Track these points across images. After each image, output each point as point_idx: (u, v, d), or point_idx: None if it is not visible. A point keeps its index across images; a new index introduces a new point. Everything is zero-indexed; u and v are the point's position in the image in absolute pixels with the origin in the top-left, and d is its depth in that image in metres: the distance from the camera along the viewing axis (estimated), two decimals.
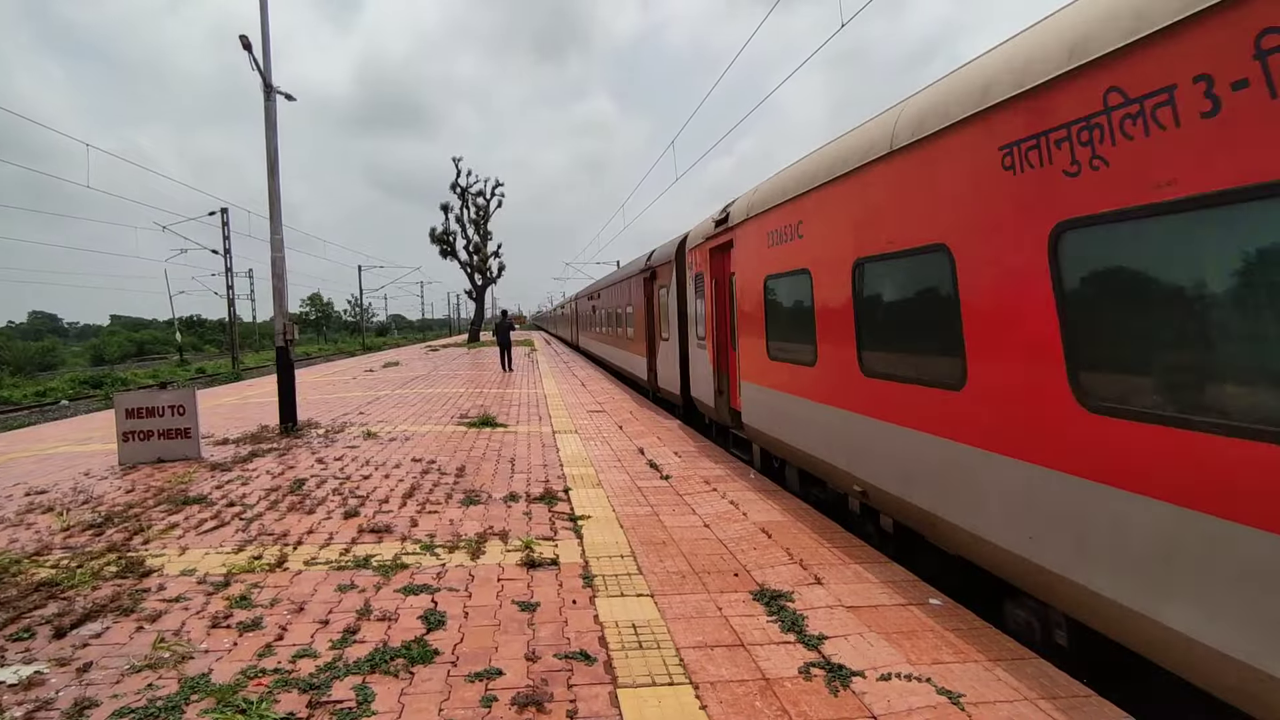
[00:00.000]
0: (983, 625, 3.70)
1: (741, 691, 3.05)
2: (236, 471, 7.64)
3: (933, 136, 4.13)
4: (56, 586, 4.33)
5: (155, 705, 2.96)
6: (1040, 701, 2.93)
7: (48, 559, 4.89)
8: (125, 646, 3.55)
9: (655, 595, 4.13)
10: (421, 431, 10.23)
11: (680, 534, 5.28)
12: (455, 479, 7.12)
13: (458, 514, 5.86)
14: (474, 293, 44.84)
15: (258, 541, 5.18)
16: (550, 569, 4.58)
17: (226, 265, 39.19)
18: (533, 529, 5.43)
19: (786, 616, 3.77)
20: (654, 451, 8.49)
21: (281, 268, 10.94)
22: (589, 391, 15.65)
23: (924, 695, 2.99)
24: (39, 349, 59.95)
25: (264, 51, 10.64)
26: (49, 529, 5.64)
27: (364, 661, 3.31)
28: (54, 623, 3.79)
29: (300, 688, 3.09)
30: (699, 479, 7.04)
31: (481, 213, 43.82)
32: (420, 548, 4.98)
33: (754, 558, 4.74)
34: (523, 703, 2.94)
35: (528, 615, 3.85)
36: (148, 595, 4.21)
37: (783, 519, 5.63)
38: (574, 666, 3.27)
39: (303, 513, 5.93)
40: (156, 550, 5.04)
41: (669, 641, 3.53)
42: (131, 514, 5.98)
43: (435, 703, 2.97)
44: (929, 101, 4.28)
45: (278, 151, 10.86)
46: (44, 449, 9.70)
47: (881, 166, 4.73)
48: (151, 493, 6.77)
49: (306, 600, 4.09)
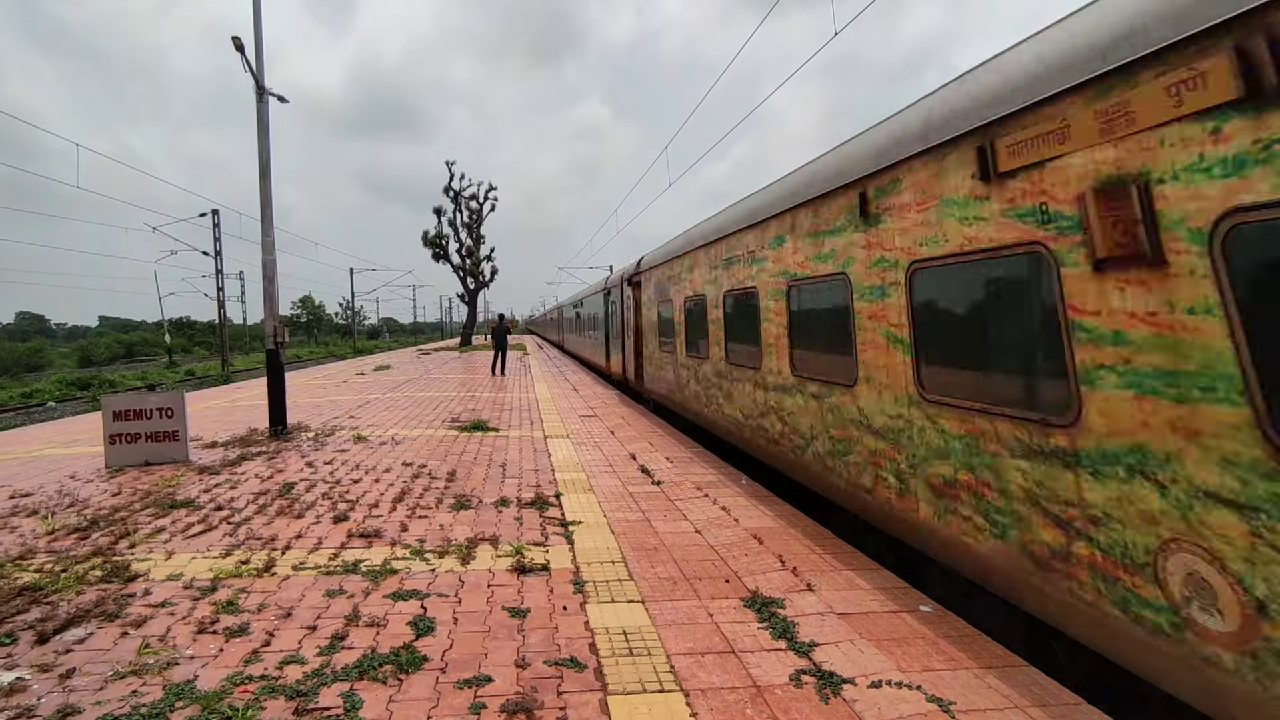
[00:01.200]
0: (973, 633, 3.71)
1: (732, 699, 3.04)
2: (225, 475, 7.57)
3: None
4: (40, 591, 4.28)
5: (139, 712, 2.92)
6: (1031, 709, 2.93)
7: (31, 563, 4.83)
8: (110, 652, 3.51)
9: (646, 601, 4.11)
10: (412, 435, 10.18)
11: (672, 540, 5.27)
12: (446, 483, 7.08)
13: (448, 519, 5.82)
14: (466, 296, 44.79)
15: (245, 546, 5.14)
16: (541, 574, 4.56)
17: (217, 267, 38.98)
18: (524, 534, 5.40)
19: (778, 623, 3.77)
20: (646, 457, 8.48)
21: (272, 270, 10.89)
22: (581, 396, 15.62)
23: (914, 703, 2.99)
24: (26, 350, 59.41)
25: (257, 53, 10.60)
26: (33, 532, 5.58)
27: (352, 668, 3.28)
28: (37, 628, 3.74)
29: (287, 695, 3.05)
30: (691, 485, 7.04)
31: (474, 216, 43.82)
32: (410, 553, 4.95)
33: (745, 564, 4.73)
34: (512, 710, 2.92)
35: (518, 621, 3.83)
36: (133, 600, 4.16)
37: (774, 525, 5.63)
38: (564, 673, 3.26)
39: (291, 517, 5.89)
40: (143, 554, 4.98)
41: (660, 648, 3.51)
42: (118, 517, 5.92)
43: (424, 710, 2.95)
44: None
45: (270, 153, 10.82)
46: (30, 451, 9.59)
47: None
48: (138, 496, 6.70)
49: (294, 606, 4.05)
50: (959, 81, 4.03)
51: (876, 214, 4.75)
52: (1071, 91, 3.06)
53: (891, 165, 4.53)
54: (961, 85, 3.96)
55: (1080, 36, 3.07)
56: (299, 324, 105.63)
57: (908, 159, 4.34)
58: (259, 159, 10.79)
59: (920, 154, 4.23)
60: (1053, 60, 3.20)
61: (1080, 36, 3.07)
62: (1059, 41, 3.23)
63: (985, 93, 3.66)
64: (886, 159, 4.59)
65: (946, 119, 3.97)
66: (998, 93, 3.55)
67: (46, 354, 63.74)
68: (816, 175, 5.73)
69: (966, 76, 3.98)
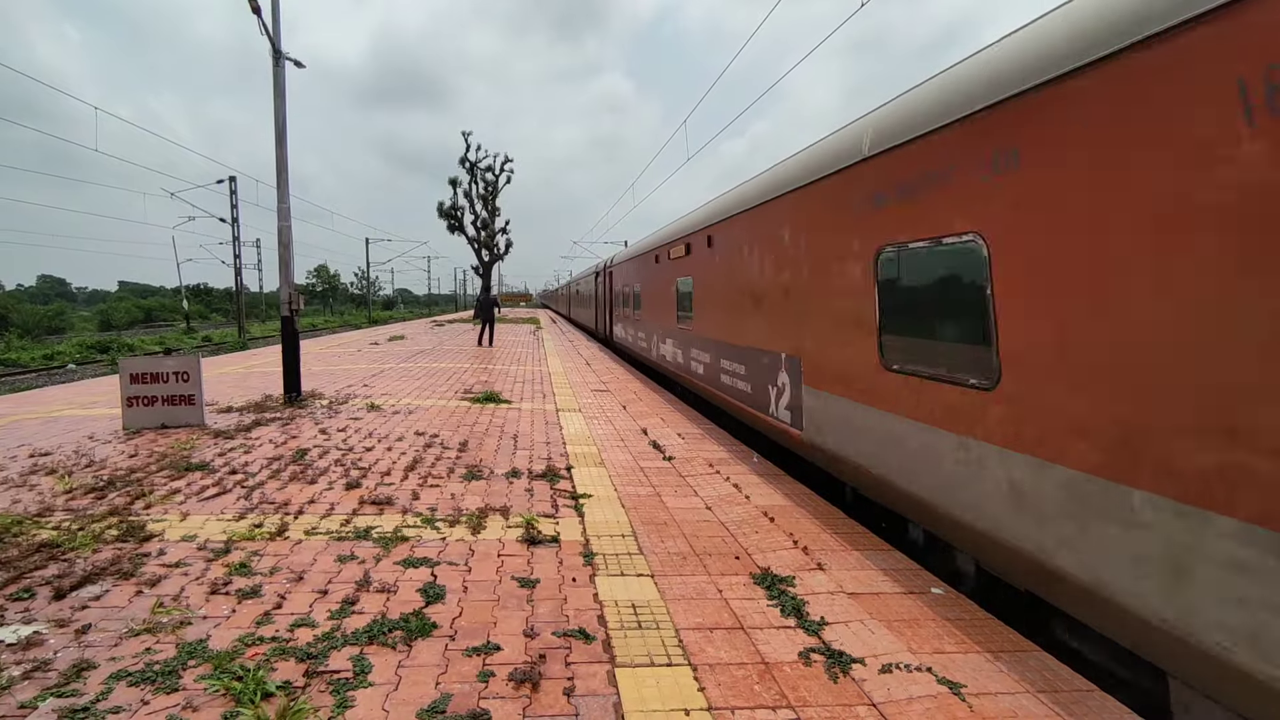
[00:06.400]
0: (985, 616, 3.67)
1: (740, 674, 3.02)
2: (239, 440, 7.64)
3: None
4: (57, 548, 4.34)
5: (153, 669, 2.96)
6: (1042, 694, 2.90)
7: (49, 520, 4.90)
8: (124, 610, 3.55)
9: (655, 576, 4.11)
10: (425, 405, 10.22)
11: (682, 515, 5.25)
12: (458, 453, 7.11)
13: (459, 488, 5.84)
14: (481, 269, 44.73)
15: (259, 510, 5.18)
16: (551, 546, 4.56)
17: (234, 234, 39.14)
18: (534, 506, 5.41)
19: (787, 601, 3.75)
20: (657, 432, 8.46)
21: (288, 237, 10.87)
22: (593, 371, 15.61)
23: (924, 684, 2.97)
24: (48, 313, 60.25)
25: (274, 16, 10.48)
26: (51, 491, 5.66)
27: (362, 632, 3.30)
28: (54, 584, 3.79)
29: (298, 656, 3.08)
30: (702, 461, 7.01)
31: (490, 188, 43.56)
32: (421, 521, 4.97)
33: (755, 541, 4.71)
34: (520, 679, 2.92)
35: (527, 591, 3.84)
36: (148, 560, 4.21)
37: (785, 503, 5.59)
38: (572, 644, 3.26)
39: (304, 482, 5.93)
40: (158, 515, 5.04)
41: (668, 622, 3.50)
42: (134, 478, 5.99)
43: (433, 675, 2.96)
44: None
45: (286, 119, 10.74)
46: (49, 411, 9.72)
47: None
48: (154, 458, 6.78)
49: (306, 570, 4.08)
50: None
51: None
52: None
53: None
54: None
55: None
56: (314, 293, 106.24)
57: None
58: (275, 124, 10.72)
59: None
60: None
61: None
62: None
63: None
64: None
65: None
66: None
67: (68, 317, 64.62)
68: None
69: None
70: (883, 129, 4.78)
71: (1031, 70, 3.33)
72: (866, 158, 4.96)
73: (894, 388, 4.64)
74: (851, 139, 5.28)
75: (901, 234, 4.52)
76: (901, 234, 4.52)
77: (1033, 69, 3.33)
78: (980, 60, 3.86)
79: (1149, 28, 2.68)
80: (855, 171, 5.14)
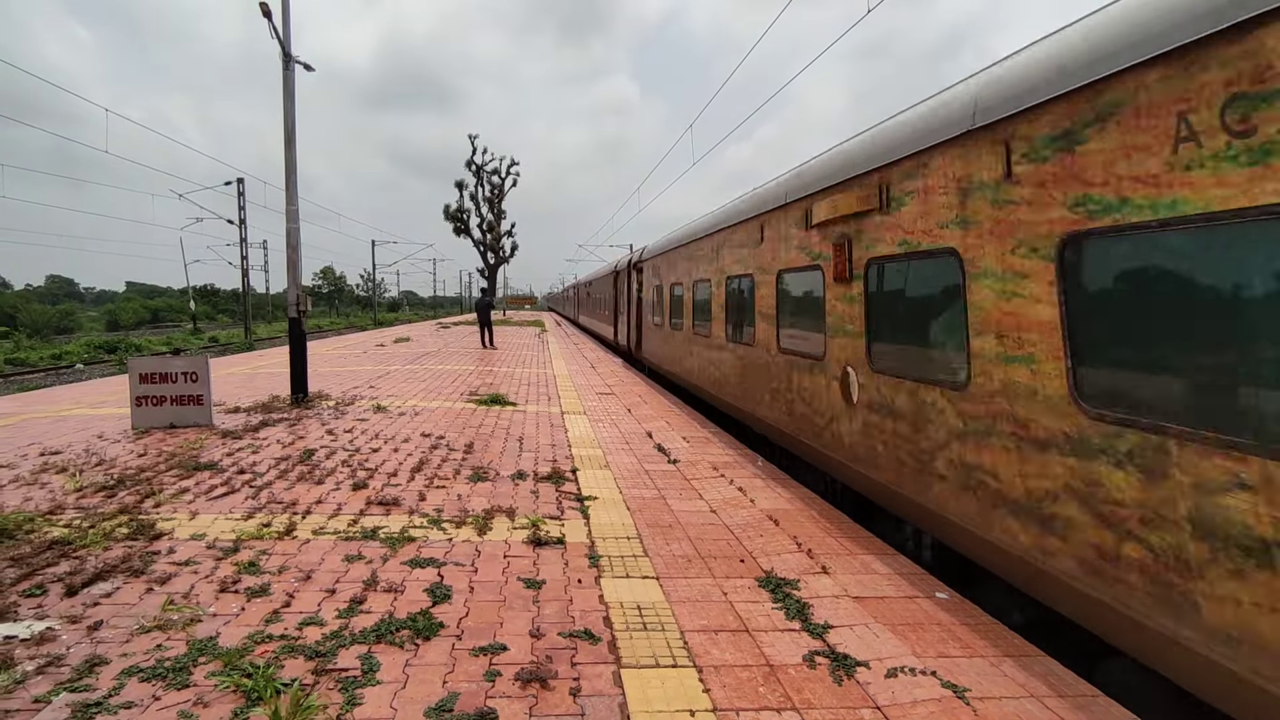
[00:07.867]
0: (989, 620, 3.68)
1: (745, 676, 3.04)
2: (247, 440, 7.69)
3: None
4: (69, 545, 4.38)
5: (164, 665, 2.99)
6: (1047, 699, 2.91)
7: (60, 518, 4.94)
8: (135, 607, 3.59)
9: (660, 578, 4.13)
10: (431, 407, 10.26)
11: (687, 518, 5.27)
12: (464, 455, 7.14)
13: (465, 490, 5.87)
14: (486, 271, 44.84)
15: (267, 509, 5.22)
16: (556, 548, 4.58)
17: (241, 235, 39.37)
18: (540, 507, 5.43)
19: (792, 604, 3.76)
20: (662, 436, 8.48)
21: (296, 239, 10.94)
22: (598, 374, 15.64)
23: (929, 688, 2.98)
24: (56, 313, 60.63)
25: (284, 20, 10.56)
26: (62, 489, 5.71)
27: (370, 631, 3.33)
28: (66, 581, 3.84)
29: (306, 655, 3.11)
30: (707, 464, 7.03)
31: (496, 191, 43.68)
32: (427, 521, 5.00)
33: (760, 544, 4.73)
34: (526, 678, 2.95)
35: (533, 592, 3.86)
36: (158, 558, 4.25)
37: (790, 507, 5.61)
38: (578, 645, 3.28)
39: (312, 482, 5.97)
40: (167, 514, 5.08)
41: (673, 624, 3.52)
42: (143, 477, 6.04)
43: (439, 675, 2.98)
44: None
45: (295, 121, 10.82)
46: (58, 411, 9.80)
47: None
48: (163, 457, 6.83)
49: (314, 569, 4.12)
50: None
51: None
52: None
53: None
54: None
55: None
56: (320, 294, 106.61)
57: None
58: (284, 127, 10.80)
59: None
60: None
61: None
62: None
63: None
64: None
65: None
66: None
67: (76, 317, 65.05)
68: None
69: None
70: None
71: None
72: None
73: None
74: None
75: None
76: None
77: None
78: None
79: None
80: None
